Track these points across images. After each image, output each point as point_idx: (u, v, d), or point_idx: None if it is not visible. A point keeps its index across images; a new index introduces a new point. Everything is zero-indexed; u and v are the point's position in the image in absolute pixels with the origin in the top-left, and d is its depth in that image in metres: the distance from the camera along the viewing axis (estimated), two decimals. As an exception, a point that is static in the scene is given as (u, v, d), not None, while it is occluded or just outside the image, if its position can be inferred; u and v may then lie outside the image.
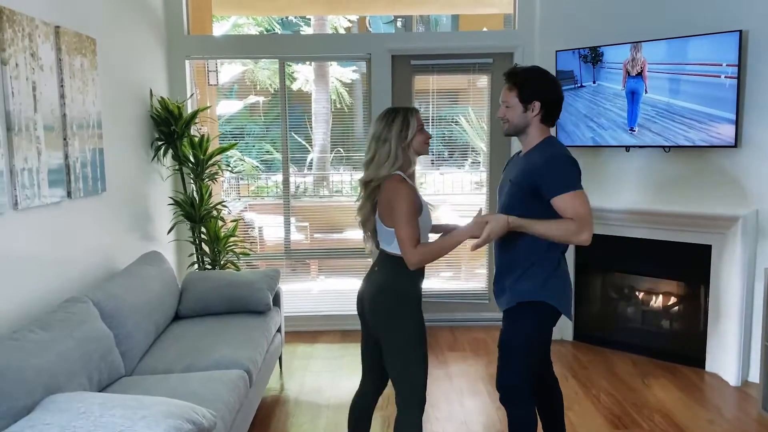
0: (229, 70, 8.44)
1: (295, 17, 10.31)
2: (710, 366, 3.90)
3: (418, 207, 2.27)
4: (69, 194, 3.05)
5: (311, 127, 7.72)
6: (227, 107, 8.05)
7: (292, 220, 5.06)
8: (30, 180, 2.68)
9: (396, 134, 2.29)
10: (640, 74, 3.92)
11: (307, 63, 8.73)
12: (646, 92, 3.91)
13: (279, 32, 10.60)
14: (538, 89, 2.31)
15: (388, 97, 4.69)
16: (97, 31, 3.41)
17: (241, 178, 8.13)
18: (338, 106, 10.18)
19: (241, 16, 9.06)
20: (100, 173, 3.38)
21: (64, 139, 3.01)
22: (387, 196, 2.28)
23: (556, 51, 4.28)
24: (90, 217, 3.31)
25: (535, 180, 2.25)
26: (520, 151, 2.49)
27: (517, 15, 4.69)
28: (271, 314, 3.71)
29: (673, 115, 3.81)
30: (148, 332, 3.14)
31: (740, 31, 3.53)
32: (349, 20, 10.72)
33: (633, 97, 3.97)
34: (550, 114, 2.35)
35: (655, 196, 4.07)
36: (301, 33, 9.87)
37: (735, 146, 3.63)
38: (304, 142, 6.61)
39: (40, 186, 2.77)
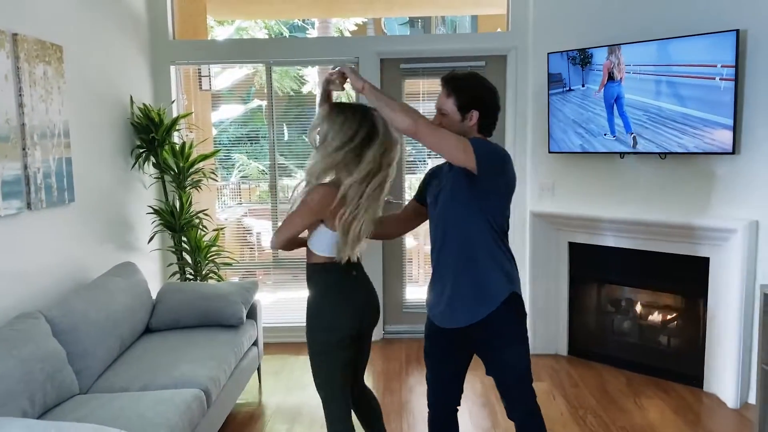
0: (232, 75, 8.38)
1: (302, 21, 10.23)
2: (708, 386, 3.68)
3: None
4: (29, 205, 2.97)
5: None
6: (228, 113, 7.99)
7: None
8: (-21, 192, 2.61)
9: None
10: (619, 78, 3.75)
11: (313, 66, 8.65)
12: (618, 99, 3.76)
13: (286, 35, 10.53)
14: (477, 97, 2.16)
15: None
16: (65, 38, 3.33)
17: (243, 183, 8.08)
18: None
19: (239, 20, 9.01)
20: (67, 183, 3.30)
21: (23, 149, 2.94)
22: None
23: (548, 53, 4.10)
24: (55, 229, 3.23)
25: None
26: (446, 165, 2.31)
27: (510, 16, 4.52)
28: (244, 328, 3.60)
29: (666, 120, 3.61)
30: (110, 348, 3.04)
31: (737, 31, 3.31)
32: (356, 24, 10.60)
33: (615, 102, 3.79)
34: (488, 124, 2.20)
35: (650, 205, 3.86)
36: (308, 36, 9.78)
37: (733, 153, 3.41)
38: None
39: (-8, 198, 2.70)
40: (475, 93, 2.16)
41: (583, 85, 3.96)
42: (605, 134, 3.85)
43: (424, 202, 2.41)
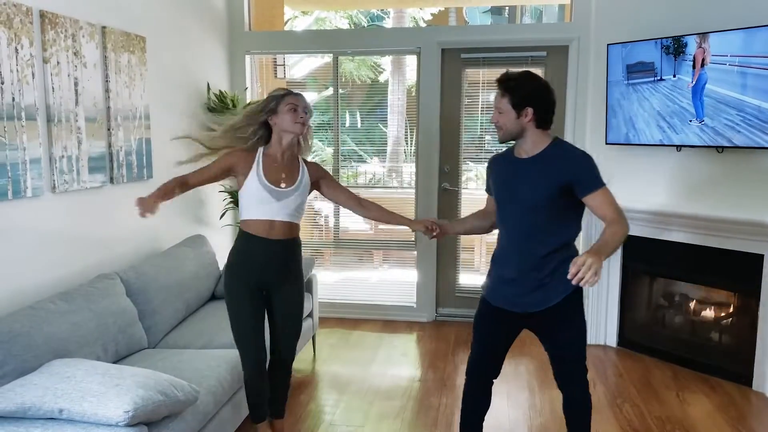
0: (311, 63, 8.70)
1: (380, 10, 10.44)
2: (757, 385, 3.61)
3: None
4: (112, 180, 3.35)
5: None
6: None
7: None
8: (69, 166, 2.99)
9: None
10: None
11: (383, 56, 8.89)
12: (693, 84, 3.67)
13: (365, 25, 10.79)
14: (529, 95, 2.28)
15: (436, 91, 4.70)
16: (148, 30, 3.69)
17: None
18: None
19: (313, 10, 9.33)
20: (146, 161, 3.67)
21: (108, 129, 3.31)
22: None
23: (608, 44, 4.09)
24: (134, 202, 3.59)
25: (570, 179, 2.25)
26: (508, 154, 2.46)
27: (573, 6, 4.53)
28: (299, 300, 3.86)
29: (729, 109, 3.53)
30: (177, 309, 3.39)
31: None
32: (432, 14, 10.69)
33: (698, 89, 3.71)
34: (544, 119, 2.32)
35: (705, 199, 3.80)
36: (383, 26, 9.99)
37: (792, 148, 3.32)
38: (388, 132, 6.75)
39: (80, 172, 3.07)
40: (527, 91, 2.28)
41: (674, 76, 3.86)
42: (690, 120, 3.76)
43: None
